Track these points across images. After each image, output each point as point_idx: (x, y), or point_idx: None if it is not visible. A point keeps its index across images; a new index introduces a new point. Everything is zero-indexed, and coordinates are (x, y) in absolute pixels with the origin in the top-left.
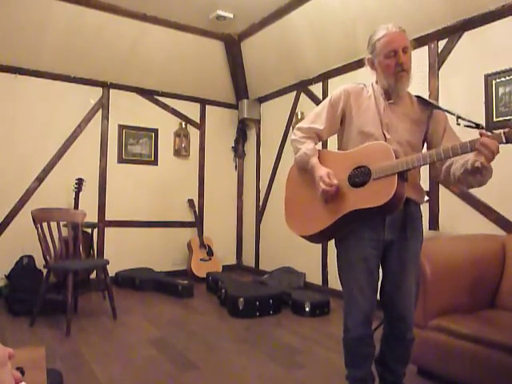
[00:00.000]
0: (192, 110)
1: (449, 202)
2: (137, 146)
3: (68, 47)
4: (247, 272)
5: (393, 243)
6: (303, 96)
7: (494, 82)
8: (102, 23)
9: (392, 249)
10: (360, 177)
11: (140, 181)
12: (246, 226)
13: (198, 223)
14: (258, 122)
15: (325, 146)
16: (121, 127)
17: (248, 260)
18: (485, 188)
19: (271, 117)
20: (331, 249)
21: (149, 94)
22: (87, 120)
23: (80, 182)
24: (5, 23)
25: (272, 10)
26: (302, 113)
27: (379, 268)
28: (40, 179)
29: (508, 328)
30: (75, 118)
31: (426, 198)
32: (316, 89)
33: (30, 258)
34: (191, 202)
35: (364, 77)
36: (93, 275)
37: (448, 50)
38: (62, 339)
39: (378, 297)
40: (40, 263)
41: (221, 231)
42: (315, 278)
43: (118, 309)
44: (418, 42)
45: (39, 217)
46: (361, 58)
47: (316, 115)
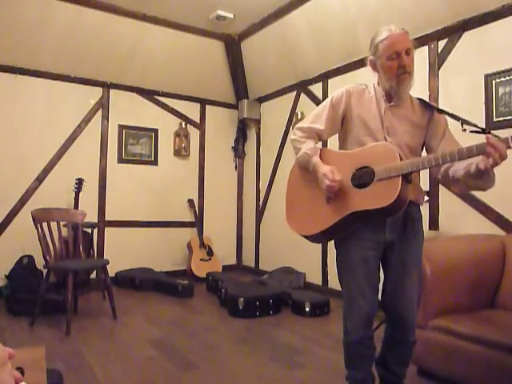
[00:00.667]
0: (192, 110)
1: (449, 202)
2: (137, 146)
3: (68, 47)
4: (247, 272)
5: (393, 244)
6: (303, 96)
7: (494, 82)
8: (102, 23)
9: (393, 250)
10: (363, 177)
11: (140, 181)
12: (246, 226)
13: (198, 223)
14: (258, 122)
15: (324, 146)
16: (121, 127)
17: (248, 260)
18: None
19: (271, 117)
20: (331, 249)
21: (149, 94)
22: (87, 120)
23: (80, 182)
24: (4, 23)
25: (272, 10)
26: (302, 113)
27: (380, 269)
28: (40, 179)
29: (508, 328)
30: (75, 118)
31: (426, 198)
32: (316, 89)
33: (30, 258)
34: (191, 202)
35: (364, 77)
36: (93, 275)
37: (448, 50)
38: (62, 339)
39: (380, 298)
40: (40, 263)
41: (221, 231)
42: (315, 278)
43: (118, 309)
44: (418, 42)
45: (39, 217)
46: (361, 58)
47: (316, 115)
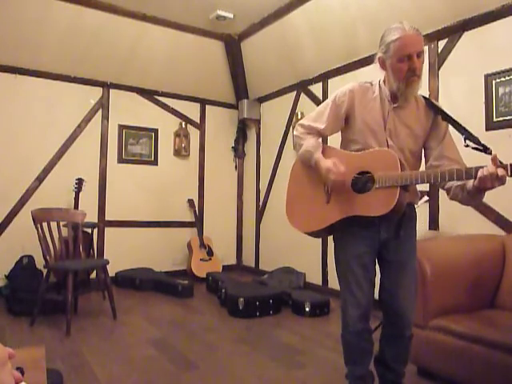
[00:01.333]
0: (192, 110)
1: (449, 202)
2: (137, 146)
3: (68, 47)
4: (247, 272)
5: (389, 242)
6: (303, 96)
7: (494, 82)
8: (102, 23)
9: (389, 247)
10: (363, 183)
11: (140, 181)
12: (246, 226)
13: (198, 223)
14: (258, 122)
15: (324, 142)
16: (121, 127)
17: (248, 260)
18: None
19: (271, 117)
20: (331, 249)
21: (149, 94)
22: (87, 120)
23: (80, 182)
24: (5, 23)
25: (272, 10)
26: (302, 113)
27: (375, 264)
28: (40, 179)
29: (508, 328)
30: (75, 118)
31: (426, 198)
32: (316, 89)
33: (30, 258)
34: (191, 202)
35: (364, 77)
36: (93, 275)
37: (448, 50)
38: (62, 339)
39: (377, 296)
40: (40, 263)
41: (221, 231)
42: (315, 278)
43: (118, 309)
44: None
45: (39, 217)
46: (361, 58)
47: (319, 114)
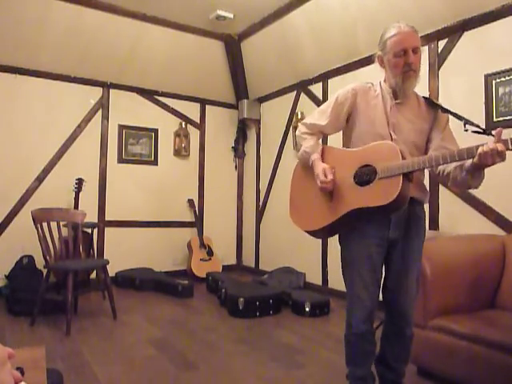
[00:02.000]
0: (192, 110)
1: (449, 202)
2: (137, 146)
3: (68, 47)
4: (247, 272)
5: (397, 242)
6: (303, 96)
7: (494, 82)
8: (102, 23)
9: (396, 248)
10: (366, 175)
11: (140, 181)
12: (246, 226)
13: (198, 223)
14: (258, 122)
15: (324, 142)
16: (121, 127)
17: (248, 260)
18: (485, 188)
19: (271, 117)
20: (331, 249)
21: (149, 94)
22: (87, 120)
23: (80, 182)
24: (4, 23)
25: (272, 10)
26: (302, 113)
27: (383, 266)
28: (40, 179)
29: (508, 328)
30: (75, 118)
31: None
32: (316, 89)
33: (30, 258)
34: (191, 202)
35: (364, 77)
36: (93, 275)
37: (448, 50)
38: (62, 339)
39: (380, 294)
40: (40, 263)
41: (221, 231)
42: (315, 278)
43: (118, 309)
44: None
45: (39, 217)
46: (361, 58)
47: (321, 112)
